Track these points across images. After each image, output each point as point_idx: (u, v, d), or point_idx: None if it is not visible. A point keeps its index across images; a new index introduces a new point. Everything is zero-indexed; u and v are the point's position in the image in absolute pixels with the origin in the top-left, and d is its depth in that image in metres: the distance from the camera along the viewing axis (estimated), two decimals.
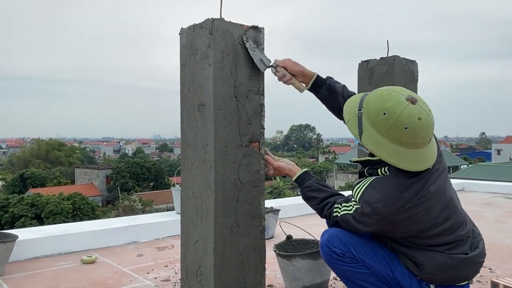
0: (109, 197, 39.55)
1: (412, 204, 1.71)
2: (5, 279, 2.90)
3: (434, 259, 1.78)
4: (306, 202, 2.11)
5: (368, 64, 3.13)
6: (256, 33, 2.08)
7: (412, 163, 1.69)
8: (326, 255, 1.94)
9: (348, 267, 1.90)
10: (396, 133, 1.67)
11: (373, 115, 1.72)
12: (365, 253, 1.89)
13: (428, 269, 1.79)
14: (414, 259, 1.83)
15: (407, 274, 1.85)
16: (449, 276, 1.81)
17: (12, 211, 23.17)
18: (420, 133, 1.67)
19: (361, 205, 1.77)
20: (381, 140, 1.70)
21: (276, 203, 5.18)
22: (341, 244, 1.90)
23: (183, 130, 2.20)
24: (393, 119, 1.66)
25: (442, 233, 1.79)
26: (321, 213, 2.03)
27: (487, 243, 3.05)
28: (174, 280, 2.84)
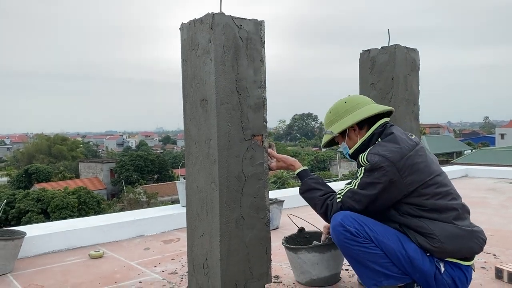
0: (113, 190, 39.77)
1: (412, 153, 1.94)
2: (15, 275, 2.94)
3: (443, 228, 1.90)
4: (305, 194, 2.18)
5: (369, 54, 3.12)
6: (256, 26, 2.08)
7: (372, 109, 2.13)
8: (340, 234, 1.97)
9: (362, 248, 1.94)
10: (343, 108, 2.18)
11: (327, 120, 2.28)
12: (378, 232, 1.95)
13: (438, 237, 1.89)
14: (424, 229, 1.91)
15: (419, 252, 1.93)
16: (458, 246, 1.91)
17: (19, 206, 23.36)
18: (356, 97, 2.24)
19: (369, 159, 1.95)
20: (343, 120, 2.16)
21: (280, 194, 5.20)
22: (355, 223, 1.96)
23: (186, 125, 2.22)
24: (334, 107, 2.23)
25: (446, 194, 1.96)
26: (323, 204, 2.09)
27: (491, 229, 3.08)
28: (181, 273, 2.88)
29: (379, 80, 3.05)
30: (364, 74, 3.15)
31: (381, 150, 1.95)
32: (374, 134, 2.10)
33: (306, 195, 2.18)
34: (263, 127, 2.12)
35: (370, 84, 3.11)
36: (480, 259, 2.95)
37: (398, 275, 1.95)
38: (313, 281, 2.50)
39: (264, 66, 2.12)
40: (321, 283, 2.50)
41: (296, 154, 46.47)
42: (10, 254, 2.97)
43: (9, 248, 2.95)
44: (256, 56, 2.08)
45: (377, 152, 1.95)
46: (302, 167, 2.29)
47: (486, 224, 3.98)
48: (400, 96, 3.04)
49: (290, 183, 28.33)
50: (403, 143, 1.97)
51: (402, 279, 1.96)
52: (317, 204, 2.12)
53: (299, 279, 2.58)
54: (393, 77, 3.01)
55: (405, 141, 1.99)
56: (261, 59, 2.10)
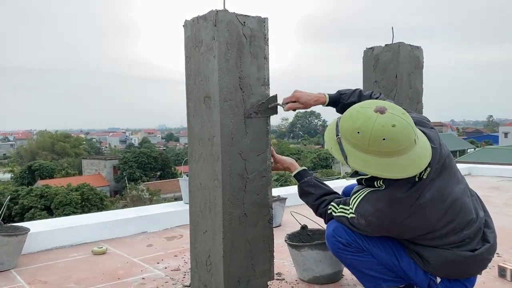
0: (116, 187, 39.86)
1: (406, 215, 1.72)
2: (18, 271, 2.95)
3: (439, 255, 1.79)
4: (302, 198, 2.15)
5: (373, 51, 3.11)
6: (259, 23, 2.08)
7: (406, 169, 1.65)
8: (332, 245, 1.97)
9: (354, 257, 1.93)
10: (377, 147, 1.64)
11: (350, 137, 1.71)
12: (371, 243, 1.91)
13: (433, 265, 1.81)
14: (419, 253, 1.85)
15: (413, 265, 1.88)
16: (454, 272, 1.83)
17: (22, 203, 23.45)
18: (400, 138, 1.63)
19: (356, 216, 1.82)
20: (367, 158, 1.67)
21: (283, 191, 5.20)
22: (347, 234, 1.93)
23: (189, 122, 2.22)
24: (368, 135, 1.64)
25: (445, 235, 1.78)
26: (317, 210, 2.07)
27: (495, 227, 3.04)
28: (184, 270, 2.88)
29: (382, 78, 3.05)
30: (368, 71, 3.15)
31: (369, 214, 1.76)
32: None
33: (302, 198, 2.16)
34: None
35: (373, 81, 3.10)
36: None
37: (396, 279, 1.94)
38: (316, 278, 2.50)
39: (267, 63, 2.12)
40: (323, 280, 2.50)
41: (299, 152, 46.44)
42: (14, 250, 2.99)
43: (12, 244, 2.96)
44: (259, 53, 2.07)
45: (364, 216, 1.78)
46: (298, 168, 2.19)
47: None
48: (403, 94, 3.03)
49: (293, 181, 28.31)
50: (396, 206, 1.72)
51: (401, 281, 1.95)
52: (312, 209, 2.12)
53: (301, 276, 2.58)
54: (397, 74, 3.01)
55: (400, 200, 1.71)
56: (265, 56, 2.10)
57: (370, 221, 1.78)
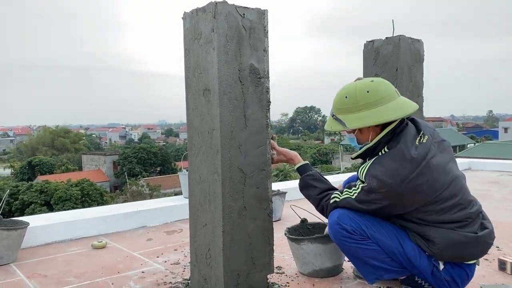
0: (116, 182, 39.90)
1: (415, 174, 1.78)
2: (18, 265, 2.95)
3: (445, 235, 1.85)
4: (303, 191, 2.16)
5: (374, 44, 3.09)
6: (259, 15, 2.06)
7: (395, 112, 1.83)
8: (337, 232, 1.96)
9: (358, 245, 1.93)
10: (364, 99, 1.86)
11: (341, 106, 1.95)
12: (375, 229, 1.93)
13: (439, 245, 1.84)
14: (424, 235, 1.88)
15: (417, 250, 1.90)
16: (458, 253, 1.87)
17: (22, 198, 23.47)
18: (381, 87, 1.88)
19: (368, 181, 1.85)
20: (360, 115, 1.87)
21: (282, 186, 5.20)
22: (351, 221, 1.94)
23: (189, 115, 2.21)
24: (353, 94, 1.90)
25: (450, 208, 1.84)
26: (318, 204, 2.08)
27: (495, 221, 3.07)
28: (183, 263, 2.88)
29: (383, 71, 3.04)
30: (368, 65, 3.13)
31: (380, 174, 1.80)
32: (381, 140, 1.92)
33: (304, 192, 2.17)
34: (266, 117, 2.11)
35: (374, 75, 3.09)
36: None
37: (398, 269, 1.96)
38: (316, 272, 2.50)
39: (267, 55, 2.10)
40: (323, 274, 2.50)
41: (299, 147, 46.43)
42: (13, 244, 2.98)
43: (12, 238, 2.96)
44: (259, 45, 2.06)
45: (376, 176, 1.82)
46: (302, 162, 2.24)
47: (489, 217, 3.96)
48: (404, 87, 3.02)
49: (293, 176, 28.35)
50: (406, 163, 1.79)
51: (403, 272, 1.97)
52: (314, 203, 2.13)
53: (301, 270, 2.58)
54: (397, 68, 2.99)
55: (409, 157, 1.80)
56: (265, 48, 2.08)
57: (383, 180, 1.80)
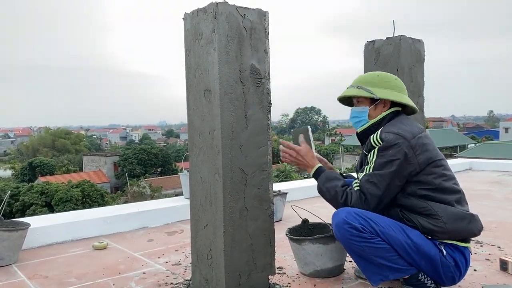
0: (117, 183, 39.91)
1: (422, 134, 2.04)
2: (19, 266, 2.95)
3: (446, 209, 1.97)
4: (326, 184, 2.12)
5: (374, 45, 3.09)
6: (260, 16, 2.06)
7: (409, 101, 2.16)
8: (345, 232, 1.96)
9: (368, 243, 1.94)
10: (393, 83, 2.16)
11: (371, 79, 2.18)
12: (383, 225, 1.96)
13: (441, 218, 1.94)
14: (428, 210, 1.96)
15: (422, 237, 1.97)
16: (459, 227, 1.97)
17: (23, 199, 23.48)
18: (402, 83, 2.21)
19: (383, 137, 1.99)
20: (388, 92, 2.14)
21: (283, 186, 5.20)
22: (360, 219, 1.95)
23: (189, 116, 2.21)
24: (385, 76, 2.20)
25: (451, 179, 2.05)
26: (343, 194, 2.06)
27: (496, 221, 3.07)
28: (185, 264, 2.88)
29: (383, 71, 3.03)
30: (369, 65, 3.13)
31: (394, 129, 2.00)
32: (385, 117, 2.14)
33: (327, 184, 2.11)
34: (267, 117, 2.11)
35: None
36: (485, 251, 2.95)
37: (404, 267, 1.97)
38: (317, 272, 2.49)
39: (268, 56, 2.10)
40: (325, 274, 2.49)
41: None
42: (15, 245, 2.98)
43: (13, 239, 2.96)
44: (260, 46, 2.06)
45: (390, 131, 2.00)
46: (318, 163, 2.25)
47: (490, 217, 3.97)
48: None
49: (293, 176, 28.36)
50: (412, 126, 2.06)
51: (408, 270, 1.98)
52: (337, 193, 2.07)
53: (303, 270, 2.58)
54: (398, 68, 2.99)
55: (413, 124, 2.09)
56: (265, 49, 2.08)
57: (398, 133, 1.97)
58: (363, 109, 2.18)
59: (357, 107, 2.20)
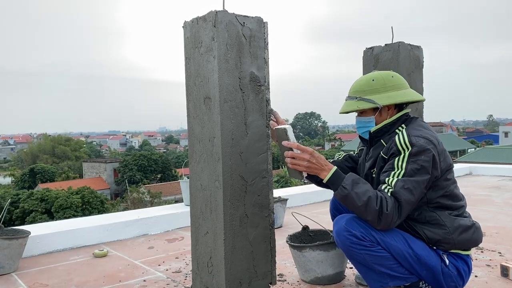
0: (117, 190, 39.85)
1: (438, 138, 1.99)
2: (19, 274, 2.95)
3: (454, 221, 1.96)
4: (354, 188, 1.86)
5: (373, 51, 3.11)
6: (259, 24, 2.07)
7: (416, 95, 2.09)
8: (346, 239, 1.92)
9: (368, 251, 1.90)
10: (392, 82, 2.06)
11: (367, 87, 2.07)
12: (383, 233, 1.91)
13: (449, 229, 1.94)
14: (436, 221, 1.94)
15: (424, 248, 1.94)
16: (465, 237, 1.96)
17: (23, 206, 23.43)
18: (401, 77, 2.12)
19: (414, 141, 1.90)
20: (389, 94, 2.04)
21: (283, 192, 5.20)
22: (360, 227, 1.91)
23: (189, 123, 2.21)
24: (380, 77, 2.08)
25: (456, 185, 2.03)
26: (377, 198, 1.84)
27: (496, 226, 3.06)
28: (185, 272, 2.88)
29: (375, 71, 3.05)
30: (368, 71, 3.14)
31: (423, 134, 1.93)
32: (399, 118, 2.05)
33: (357, 189, 1.85)
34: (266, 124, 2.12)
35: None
36: (486, 257, 2.94)
37: (404, 275, 1.95)
38: (318, 279, 2.49)
39: (267, 65, 2.11)
40: (325, 281, 2.49)
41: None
42: (15, 253, 2.98)
43: (13, 247, 2.96)
44: (259, 53, 2.07)
45: (419, 135, 1.92)
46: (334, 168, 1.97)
47: (491, 222, 3.96)
48: None
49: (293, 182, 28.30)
50: (433, 131, 2.01)
51: (408, 278, 1.96)
52: (371, 199, 1.83)
53: (303, 277, 2.57)
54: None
55: (432, 129, 2.03)
56: (265, 57, 2.09)
57: (428, 139, 1.91)
58: (368, 119, 2.09)
59: (362, 117, 2.12)
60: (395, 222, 1.86)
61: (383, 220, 1.84)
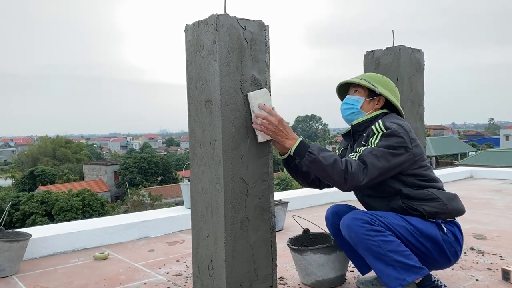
0: (117, 192, 39.84)
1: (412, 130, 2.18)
2: (20, 277, 2.94)
3: (442, 193, 2.18)
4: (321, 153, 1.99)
5: (374, 54, 3.11)
6: (260, 27, 2.08)
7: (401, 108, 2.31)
8: (359, 228, 2.03)
9: (382, 237, 2.01)
10: (392, 88, 2.32)
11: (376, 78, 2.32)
12: (387, 216, 2.08)
13: (443, 200, 2.14)
14: (430, 196, 2.13)
15: (421, 221, 2.13)
16: (455, 205, 2.17)
17: (23, 209, 23.43)
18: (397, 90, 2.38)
19: (387, 125, 2.09)
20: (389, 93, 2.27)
21: (284, 195, 5.19)
22: (366, 215, 2.07)
23: (191, 126, 2.21)
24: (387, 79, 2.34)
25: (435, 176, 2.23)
26: (342, 161, 1.99)
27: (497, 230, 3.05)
28: (186, 275, 2.87)
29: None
30: None
31: (397, 122, 2.14)
32: (379, 115, 2.25)
33: (323, 153, 1.98)
34: None
35: None
36: (487, 261, 2.94)
37: (418, 265, 2.02)
38: (319, 282, 2.49)
39: (268, 68, 2.12)
40: (326, 284, 2.48)
41: None
42: (15, 255, 2.98)
43: (14, 250, 2.96)
44: (260, 57, 2.08)
45: (392, 121, 2.14)
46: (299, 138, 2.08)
47: (492, 225, 3.96)
48: (404, 97, 3.03)
49: (294, 185, 28.31)
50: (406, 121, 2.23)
51: (421, 270, 2.02)
52: (337, 161, 1.97)
53: (304, 280, 2.57)
54: (398, 78, 3.01)
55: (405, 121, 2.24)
56: (266, 60, 2.10)
57: (400, 125, 2.11)
58: (358, 99, 2.28)
59: (353, 95, 2.30)
60: (360, 182, 1.99)
61: (348, 179, 1.98)
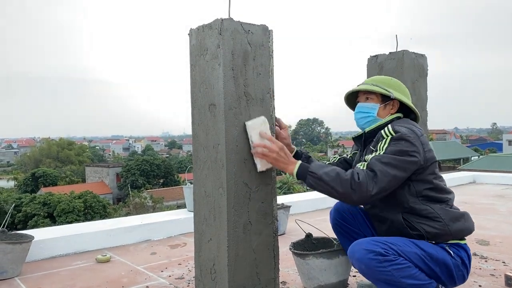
0: (119, 194, 39.87)
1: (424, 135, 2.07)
2: (22, 279, 2.95)
3: (445, 211, 2.01)
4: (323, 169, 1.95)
5: (377, 59, 3.11)
6: (264, 32, 2.08)
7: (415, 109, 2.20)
8: (371, 261, 1.86)
9: (394, 266, 1.86)
10: (403, 90, 2.23)
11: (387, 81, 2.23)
12: (398, 243, 1.92)
13: (444, 220, 1.98)
14: (430, 213, 1.98)
15: (430, 245, 1.98)
16: (459, 226, 2.01)
17: (25, 210, 23.47)
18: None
19: (396, 129, 1.99)
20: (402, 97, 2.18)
21: (286, 199, 5.19)
22: (379, 243, 1.89)
23: (194, 130, 2.22)
24: (398, 82, 2.25)
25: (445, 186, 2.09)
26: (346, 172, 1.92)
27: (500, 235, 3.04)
28: (188, 278, 2.87)
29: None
30: None
31: (407, 126, 2.04)
32: (393, 120, 2.16)
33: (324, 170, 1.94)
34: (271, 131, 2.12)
35: None
36: (490, 267, 2.93)
37: (426, 282, 1.94)
38: (321, 287, 2.48)
39: (272, 72, 2.12)
40: None
41: None
42: (18, 257, 2.98)
43: (16, 252, 2.96)
44: (264, 61, 2.08)
45: (402, 125, 2.03)
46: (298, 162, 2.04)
47: (495, 231, 3.94)
48: None
49: (296, 188, 28.25)
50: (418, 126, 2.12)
51: (430, 284, 1.95)
52: (340, 173, 1.91)
53: (306, 285, 2.57)
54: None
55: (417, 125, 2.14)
56: (269, 65, 2.10)
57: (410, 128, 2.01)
58: (373, 106, 2.18)
59: (367, 103, 2.20)
60: (371, 191, 1.86)
61: (357, 190, 1.86)
